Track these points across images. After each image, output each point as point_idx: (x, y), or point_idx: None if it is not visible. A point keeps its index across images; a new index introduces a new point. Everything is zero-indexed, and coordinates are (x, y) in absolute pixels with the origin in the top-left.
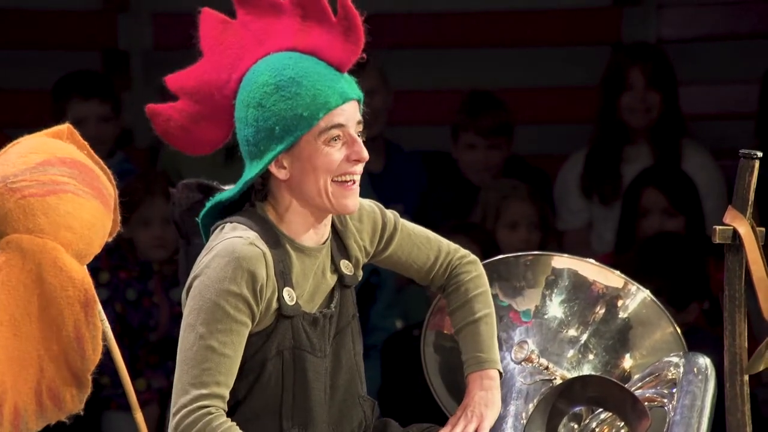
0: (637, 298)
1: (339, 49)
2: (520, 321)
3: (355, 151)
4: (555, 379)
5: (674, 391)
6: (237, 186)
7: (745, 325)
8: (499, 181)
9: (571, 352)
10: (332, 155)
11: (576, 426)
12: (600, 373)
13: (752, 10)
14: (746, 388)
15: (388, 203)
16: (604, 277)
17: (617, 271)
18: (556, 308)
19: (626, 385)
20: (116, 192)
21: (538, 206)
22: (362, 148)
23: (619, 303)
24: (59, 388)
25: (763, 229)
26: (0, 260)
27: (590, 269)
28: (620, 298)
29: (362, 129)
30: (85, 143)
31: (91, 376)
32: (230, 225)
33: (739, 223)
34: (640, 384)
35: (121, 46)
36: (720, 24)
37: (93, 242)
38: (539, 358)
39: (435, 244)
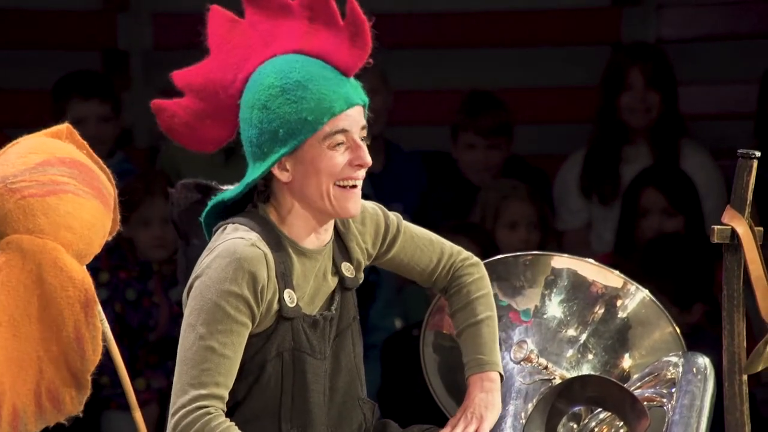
0: (636, 297)
1: (345, 53)
2: (519, 320)
3: (359, 156)
4: (554, 378)
5: (673, 390)
6: (240, 186)
7: (744, 325)
8: (499, 181)
9: (570, 352)
10: (335, 159)
11: (575, 426)
12: (599, 373)
13: (752, 11)
14: (745, 388)
15: (388, 203)
16: (604, 276)
17: (616, 271)
18: (555, 308)
19: (625, 385)
20: (116, 191)
21: (538, 206)
22: (366, 154)
23: (619, 303)
24: (59, 390)
25: (762, 229)
26: (0, 261)
27: (589, 269)
28: (619, 297)
29: (366, 134)
30: (84, 143)
31: (90, 377)
32: (232, 226)
33: (738, 223)
34: (639, 384)
35: (121, 46)
36: (719, 24)
37: (93, 242)
38: (538, 357)
39: (438, 246)
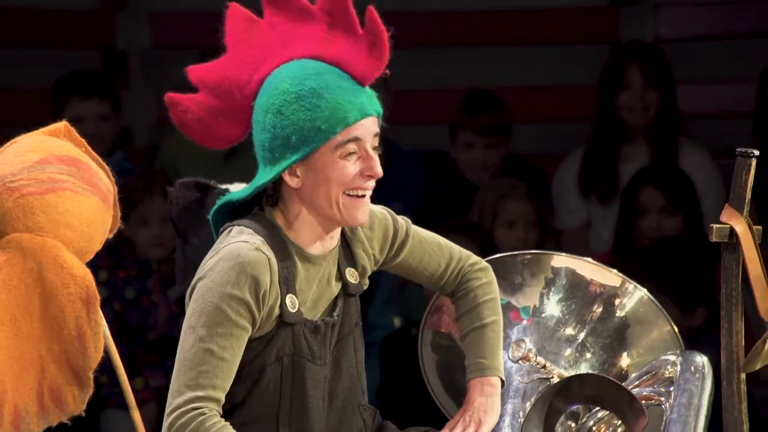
0: (635, 296)
1: (363, 62)
2: (519, 318)
3: (370, 166)
4: (552, 377)
5: (671, 389)
6: (249, 188)
7: (742, 323)
8: (497, 180)
9: (568, 351)
10: (347, 169)
11: (573, 424)
12: (597, 372)
13: (750, 10)
14: (743, 386)
15: (387, 202)
16: (602, 275)
17: (614, 270)
18: (553, 307)
19: (623, 384)
20: (115, 188)
21: (536, 205)
22: (377, 164)
23: (617, 302)
24: (61, 389)
25: (760, 228)
26: (0, 260)
27: (588, 268)
28: (618, 296)
29: (378, 143)
30: (82, 140)
31: (92, 375)
32: (237, 228)
33: (736, 222)
34: (637, 382)
35: (120, 45)
36: (717, 23)
37: (93, 239)
38: (536, 356)
39: (446, 250)
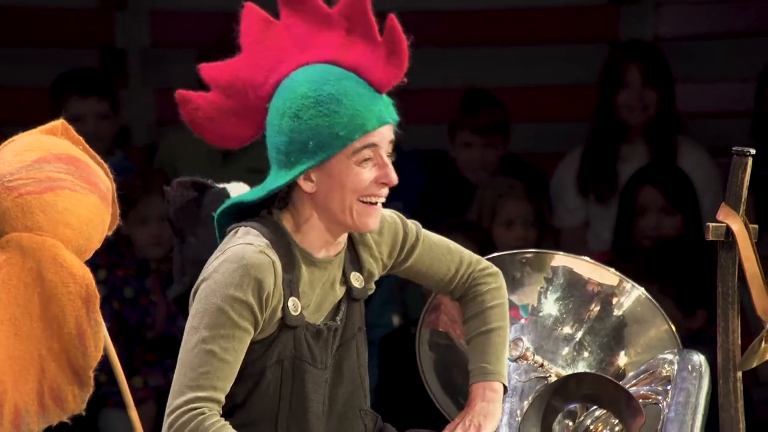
0: (632, 295)
1: (381, 69)
2: (518, 316)
3: (385, 174)
4: (550, 376)
5: (669, 388)
6: (261, 191)
7: (739, 322)
8: (496, 180)
9: (566, 350)
10: (362, 175)
11: (571, 423)
12: (595, 371)
13: (749, 9)
14: (740, 385)
15: (388, 202)
16: (599, 274)
17: (612, 269)
18: (551, 306)
19: (621, 383)
20: (114, 186)
21: (535, 204)
22: (392, 172)
23: (614, 300)
24: (61, 388)
25: (756, 226)
26: (0, 259)
27: (585, 267)
28: (615, 295)
29: (392, 150)
30: (80, 138)
31: (92, 374)
32: (243, 229)
33: (733, 220)
34: (634, 381)
35: (119, 44)
36: (717, 22)
37: (92, 237)
38: (534, 355)
39: (456, 255)
